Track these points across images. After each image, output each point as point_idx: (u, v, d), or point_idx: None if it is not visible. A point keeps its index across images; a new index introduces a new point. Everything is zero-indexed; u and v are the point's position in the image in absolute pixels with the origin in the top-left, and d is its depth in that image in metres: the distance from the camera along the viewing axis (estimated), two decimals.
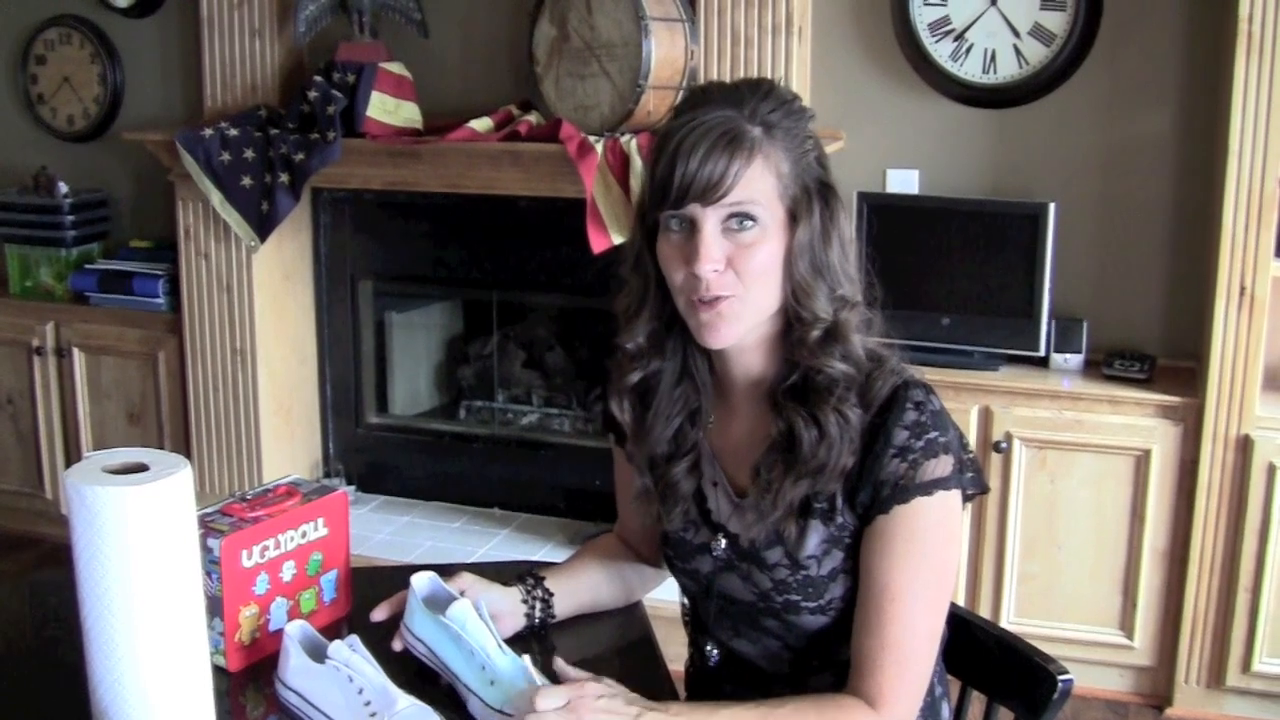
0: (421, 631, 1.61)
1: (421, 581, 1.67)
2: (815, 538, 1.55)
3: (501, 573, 1.77)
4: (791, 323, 1.54)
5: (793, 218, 1.51)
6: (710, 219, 1.48)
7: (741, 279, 1.49)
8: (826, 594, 1.56)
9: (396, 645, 1.63)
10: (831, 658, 1.61)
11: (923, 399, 1.52)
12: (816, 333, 1.53)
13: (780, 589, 1.57)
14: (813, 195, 1.53)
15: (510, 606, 1.71)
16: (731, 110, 1.49)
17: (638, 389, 1.65)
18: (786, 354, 1.57)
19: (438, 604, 1.64)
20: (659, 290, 1.58)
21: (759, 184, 1.48)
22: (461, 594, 1.64)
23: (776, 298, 1.53)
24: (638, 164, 3.32)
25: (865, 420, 1.52)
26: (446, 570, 1.72)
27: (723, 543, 1.63)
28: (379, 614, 1.70)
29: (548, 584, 1.76)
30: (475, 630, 1.55)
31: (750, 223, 1.49)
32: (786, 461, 1.54)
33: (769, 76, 1.69)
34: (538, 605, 1.74)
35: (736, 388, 1.63)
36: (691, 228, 1.49)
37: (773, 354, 1.58)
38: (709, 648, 1.71)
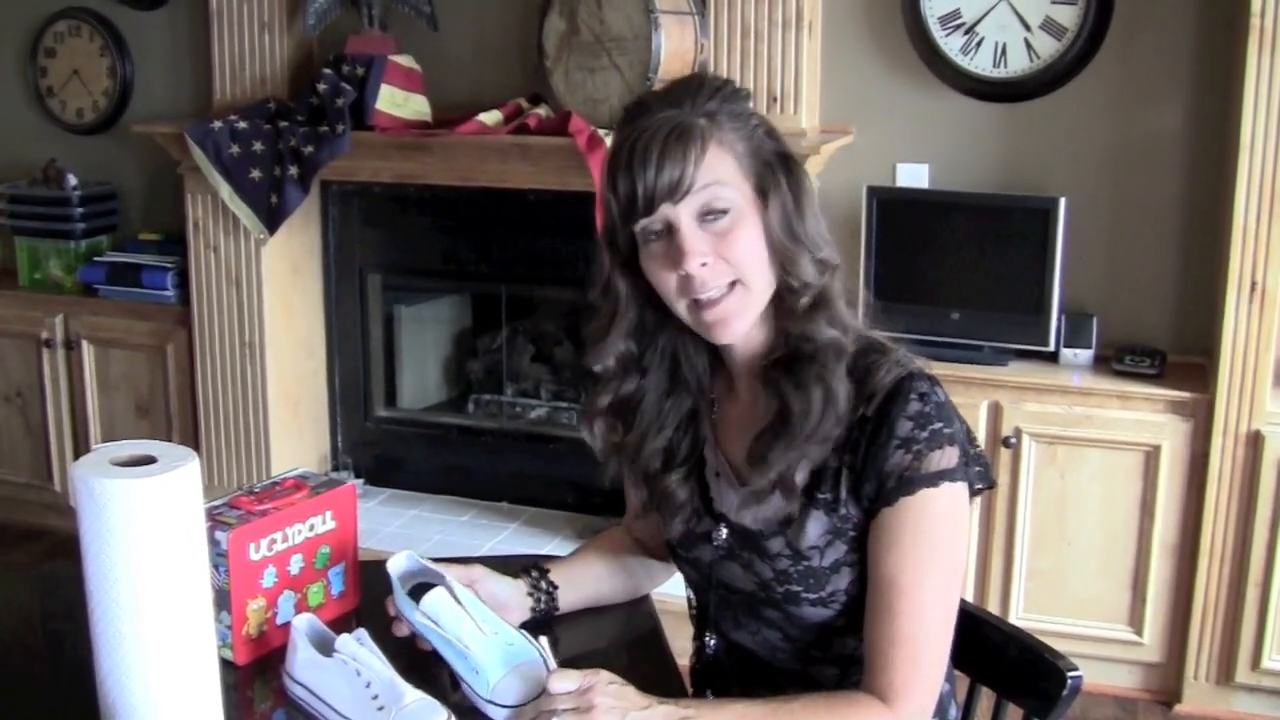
0: (408, 617, 1.61)
1: (398, 564, 1.66)
2: (817, 528, 1.54)
3: (506, 565, 1.77)
4: (782, 295, 1.55)
5: (761, 194, 1.53)
6: (684, 216, 1.49)
7: (733, 266, 1.50)
8: (828, 586, 1.56)
9: (402, 630, 1.63)
10: (835, 651, 1.61)
11: (927, 390, 1.51)
12: (806, 300, 1.54)
13: (781, 579, 1.57)
14: (775, 168, 1.54)
15: (516, 599, 1.71)
16: (672, 110, 1.51)
17: (614, 410, 1.66)
18: (780, 327, 1.57)
19: (429, 575, 1.65)
20: (633, 309, 1.60)
21: (720, 169, 1.50)
22: (472, 585, 1.64)
23: (771, 278, 1.54)
24: None
25: (870, 407, 1.51)
26: (459, 561, 1.72)
27: (724, 532, 1.63)
28: (394, 608, 1.67)
29: (551, 576, 1.76)
30: (451, 620, 1.54)
31: (723, 209, 1.50)
32: (774, 433, 1.54)
33: (713, 71, 1.68)
34: (542, 598, 1.74)
35: (740, 371, 1.64)
36: (669, 231, 1.50)
37: (771, 329, 1.59)
38: (711, 639, 1.71)
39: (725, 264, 1.50)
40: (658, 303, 1.58)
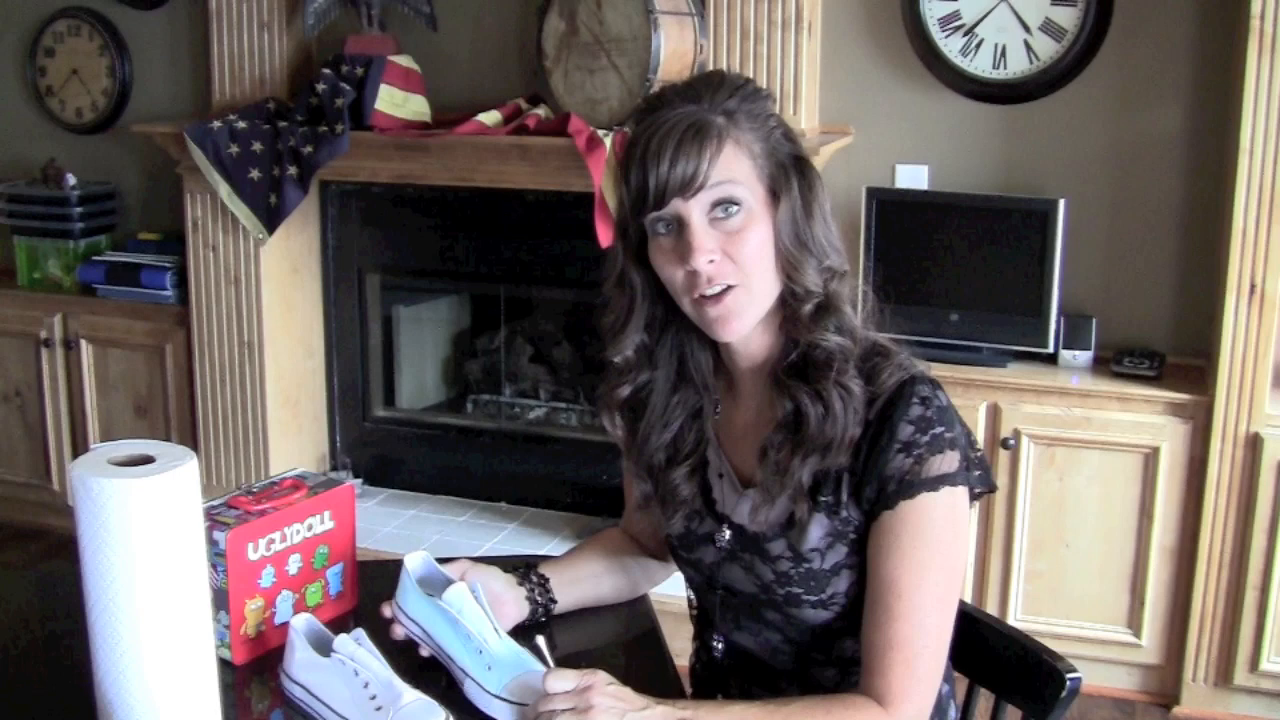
0: (415, 611, 1.61)
1: (415, 561, 1.67)
2: (818, 530, 1.54)
3: (498, 566, 1.76)
4: (786, 300, 1.55)
5: (774, 196, 1.53)
6: (695, 211, 1.49)
7: (739, 266, 1.50)
8: (829, 588, 1.56)
9: (398, 633, 1.63)
10: (835, 652, 1.61)
11: (928, 394, 1.51)
12: (809, 307, 1.54)
13: (782, 581, 1.57)
14: (789, 170, 1.54)
15: (512, 596, 1.71)
16: (691, 105, 1.51)
17: (629, 402, 1.66)
18: (786, 332, 1.57)
19: (432, 585, 1.64)
20: (645, 303, 1.60)
21: (735, 167, 1.50)
22: (462, 578, 1.64)
23: (776, 281, 1.54)
24: None
25: (872, 411, 1.51)
26: (444, 562, 1.71)
27: (727, 533, 1.63)
28: (389, 610, 1.68)
29: (549, 575, 1.76)
30: (472, 615, 1.55)
31: (735, 207, 1.50)
32: (794, 441, 1.54)
33: (723, 68, 1.68)
34: (537, 592, 1.73)
35: (742, 374, 1.64)
36: (679, 226, 1.51)
37: (774, 334, 1.59)
38: (714, 641, 1.70)
39: (731, 263, 1.50)
40: (667, 298, 1.58)
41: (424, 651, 1.60)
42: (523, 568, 1.76)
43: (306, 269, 4.17)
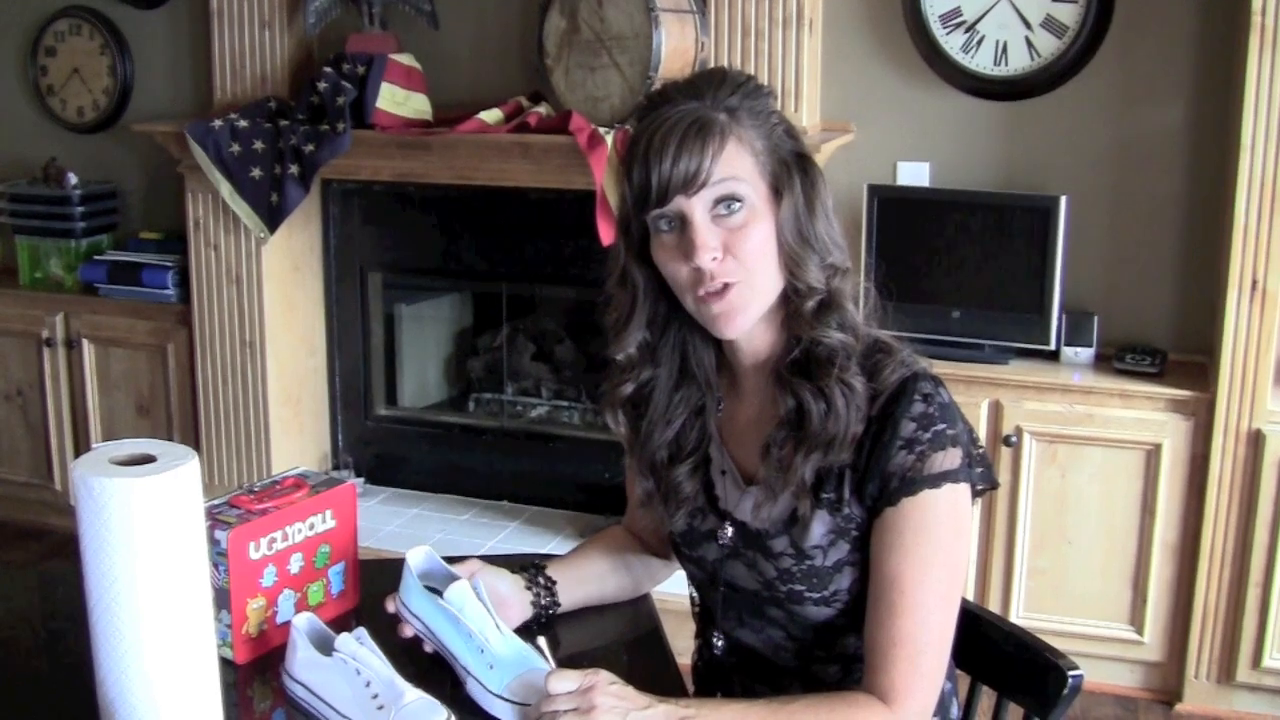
0: (418, 609, 1.61)
1: (417, 557, 1.67)
2: (821, 527, 1.54)
3: (504, 564, 1.76)
4: (789, 297, 1.55)
5: (776, 193, 1.53)
6: (698, 208, 1.49)
7: (742, 263, 1.50)
8: (831, 585, 1.56)
9: (406, 633, 1.63)
10: (837, 650, 1.61)
11: (931, 391, 1.51)
12: (811, 304, 1.54)
13: (785, 578, 1.57)
14: (791, 167, 1.55)
15: (516, 595, 1.71)
16: (693, 102, 1.52)
17: (631, 399, 1.66)
18: (788, 329, 1.57)
19: (435, 578, 1.65)
20: (647, 300, 1.60)
21: (737, 164, 1.50)
22: (472, 576, 1.64)
23: (779, 278, 1.54)
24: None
25: (874, 407, 1.51)
26: (454, 560, 1.71)
27: (729, 530, 1.63)
28: (392, 605, 1.68)
29: (552, 575, 1.76)
30: (474, 613, 1.55)
31: (737, 204, 1.50)
32: (797, 438, 1.54)
33: (726, 66, 1.68)
34: (542, 595, 1.73)
35: (745, 371, 1.64)
36: (681, 223, 1.51)
37: (777, 331, 1.59)
38: (715, 638, 1.71)
39: (734, 260, 1.50)
40: (669, 295, 1.58)
41: (428, 647, 1.60)
42: (531, 569, 1.75)
43: (308, 268, 4.17)
